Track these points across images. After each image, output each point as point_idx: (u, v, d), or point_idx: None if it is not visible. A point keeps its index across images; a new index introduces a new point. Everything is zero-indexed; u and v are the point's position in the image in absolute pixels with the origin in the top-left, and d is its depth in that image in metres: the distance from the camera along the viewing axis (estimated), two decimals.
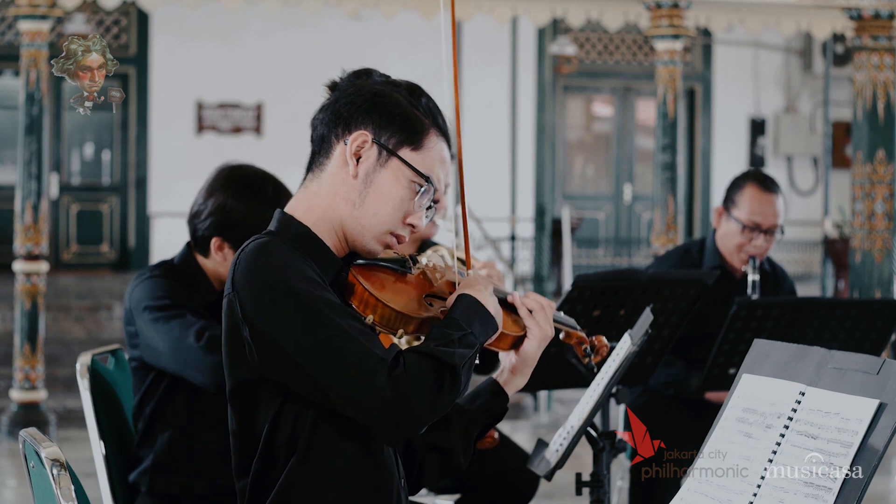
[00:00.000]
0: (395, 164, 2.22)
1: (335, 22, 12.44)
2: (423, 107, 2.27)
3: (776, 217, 4.25)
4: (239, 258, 2.15)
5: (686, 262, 4.36)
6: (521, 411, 9.03)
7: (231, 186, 3.22)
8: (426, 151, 2.24)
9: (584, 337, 2.40)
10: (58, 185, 12.84)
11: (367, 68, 2.31)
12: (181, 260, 3.31)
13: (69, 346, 9.40)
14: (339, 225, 2.23)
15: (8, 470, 7.09)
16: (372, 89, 2.25)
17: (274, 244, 2.14)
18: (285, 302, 2.09)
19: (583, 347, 2.41)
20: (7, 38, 12.50)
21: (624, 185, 14.97)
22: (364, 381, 2.05)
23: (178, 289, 3.21)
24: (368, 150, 2.21)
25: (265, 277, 2.10)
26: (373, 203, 2.21)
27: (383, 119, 2.22)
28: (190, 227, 3.27)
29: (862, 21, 8.16)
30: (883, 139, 8.15)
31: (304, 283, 2.09)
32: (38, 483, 2.25)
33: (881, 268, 8.22)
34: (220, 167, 3.30)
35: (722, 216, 4.32)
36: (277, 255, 2.12)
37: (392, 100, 2.24)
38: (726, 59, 14.82)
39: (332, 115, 2.24)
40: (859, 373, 1.88)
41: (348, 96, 2.24)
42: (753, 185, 4.26)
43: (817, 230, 14.53)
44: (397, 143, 2.22)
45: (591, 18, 8.93)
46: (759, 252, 4.23)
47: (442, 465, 2.36)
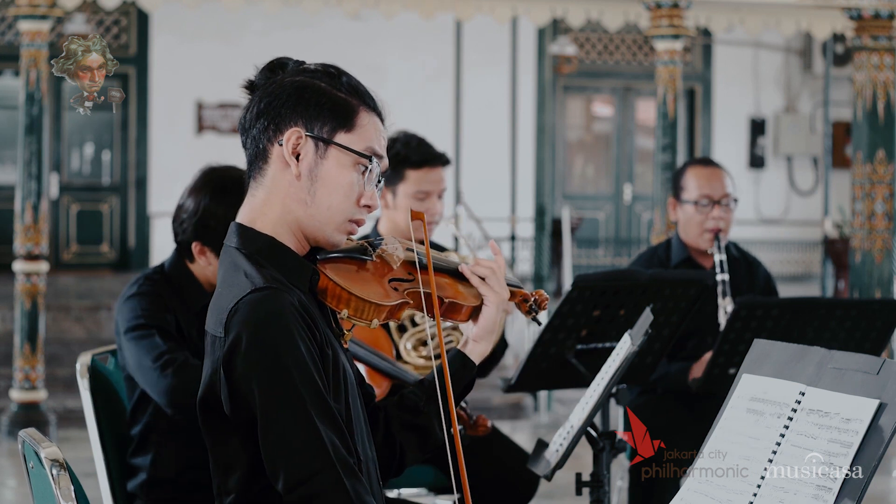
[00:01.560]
0: (334, 151, 2.19)
1: (335, 22, 12.44)
2: (345, 87, 2.23)
3: (725, 187, 4.33)
4: (238, 304, 2.10)
5: (654, 262, 4.40)
6: (521, 411, 9.03)
7: (208, 189, 3.19)
8: (360, 129, 2.21)
9: (526, 294, 2.45)
10: (58, 185, 12.83)
11: (280, 59, 2.27)
12: (171, 266, 3.29)
13: (69, 346, 9.39)
14: (296, 227, 2.20)
15: (8, 470, 7.09)
16: (293, 83, 2.20)
17: (277, 301, 2.08)
18: (268, 368, 2.06)
19: (527, 304, 2.45)
20: (7, 38, 12.50)
21: (624, 185, 14.96)
22: (305, 476, 2.04)
23: (159, 305, 3.17)
24: (305, 145, 2.18)
25: (258, 340, 2.07)
26: (323, 196, 2.19)
27: (311, 111, 2.19)
28: (173, 231, 3.26)
29: (862, 21, 8.16)
30: (883, 139, 8.14)
31: (294, 357, 2.06)
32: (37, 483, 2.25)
33: (881, 268, 8.21)
34: (200, 170, 3.27)
35: (676, 207, 4.40)
36: (277, 319, 2.07)
37: (314, 89, 2.20)
38: (726, 59, 14.82)
39: (258, 116, 2.20)
40: (859, 373, 1.88)
41: (270, 95, 2.20)
42: (695, 166, 4.43)
43: (817, 230, 14.53)
44: (330, 130, 2.19)
45: (591, 18, 8.93)
46: (720, 225, 4.28)
47: (421, 444, 2.37)
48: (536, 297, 2.48)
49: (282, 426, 2.05)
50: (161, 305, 3.19)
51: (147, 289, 3.22)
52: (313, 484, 2.03)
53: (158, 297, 3.21)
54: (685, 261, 4.38)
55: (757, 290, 4.42)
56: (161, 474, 3.17)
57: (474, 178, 13.12)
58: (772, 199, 15.19)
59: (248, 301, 2.10)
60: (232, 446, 2.14)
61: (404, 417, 2.36)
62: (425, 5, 8.32)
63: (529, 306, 2.46)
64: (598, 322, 3.52)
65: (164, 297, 3.21)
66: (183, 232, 3.21)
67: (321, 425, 2.05)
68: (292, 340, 2.06)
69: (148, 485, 3.18)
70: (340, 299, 2.18)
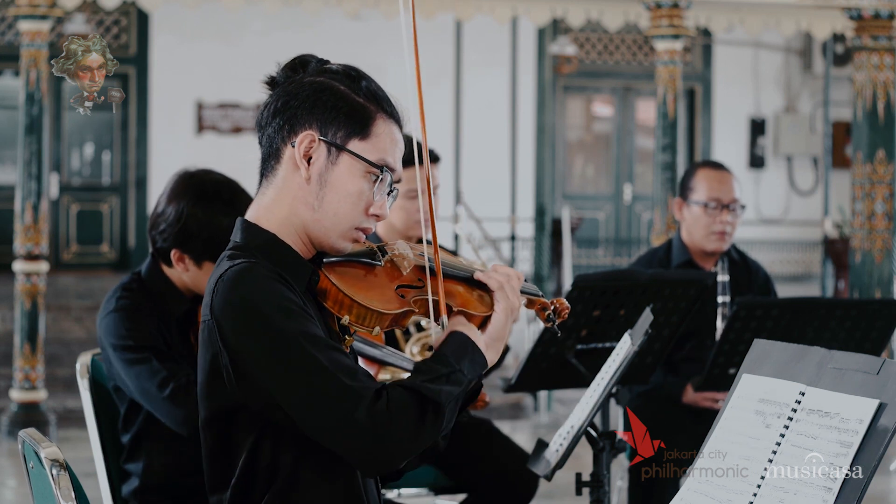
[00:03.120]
0: (346, 158, 2.16)
1: (335, 22, 12.44)
2: (364, 92, 2.19)
3: (734, 192, 4.34)
4: (218, 284, 2.09)
5: (654, 263, 4.40)
6: (521, 411, 9.03)
7: (186, 195, 3.11)
8: (375, 138, 2.18)
9: (545, 302, 2.41)
10: (58, 185, 12.83)
11: (303, 57, 2.24)
12: (148, 273, 3.21)
13: (69, 346, 9.39)
14: (301, 230, 2.18)
15: (8, 470, 7.09)
16: (311, 84, 2.18)
17: (254, 270, 2.07)
18: (264, 335, 2.04)
19: (546, 313, 2.41)
20: (7, 38, 12.49)
21: (624, 185, 14.96)
22: (343, 417, 2.01)
23: (141, 321, 3.11)
24: (317, 149, 2.15)
25: (244, 307, 2.05)
26: (332, 203, 2.16)
27: (327, 114, 2.15)
28: (150, 237, 3.18)
29: (862, 21, 8.16)
30: (883, 139, 8.14)
31: (284, 314, 2.04)
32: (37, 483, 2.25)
33: (881, 268, 8.21)
34: (176, 174, 3.19)
35: (682, 207, 4.39)
36: (257, 285, 2.06)
37: (333, 92, 2.17)
38: (726, 59, 14.82)
39: (274, 115, 2.18)
40: (859, 373, 1.88)
41: (287, 94, 2.18)
42: (706, 168, 4.43)
43: (817, 230, 14.52)
44: (345, 136, 2.16)
45: (591, 18, 8.93)
46: (726, 229, 4.29)
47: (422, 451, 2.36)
48: (557, 306, 2.45)
49: (301, 384, 2.02)
50: (143, 321, 3.12)
51: (126, 303, 3.14)
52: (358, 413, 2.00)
53: (138, 310, 3.13)
54: (686, 264, 4.38)
55: (756, 293, 4.42)
56: (153, 481, 3.15)
57: (474, 178, 13.12)
58: (772, 199, 15.19)
59: (226, 277, 2.08)
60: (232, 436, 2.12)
61: None
62: (425, 5, 8.32)
63: (548, 315, 2.43)
64: (598, 322, 3.52)
65: (143, 309, 3.14)
66: (164, 240, 3.13)
67: (336, 370, 2.03)
68: (277, 302, 2.04)
69: (140, 491, 3.16)
70: (343, 305, 2.15)
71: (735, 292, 4.26)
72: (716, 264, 4.28)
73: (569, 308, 2.44)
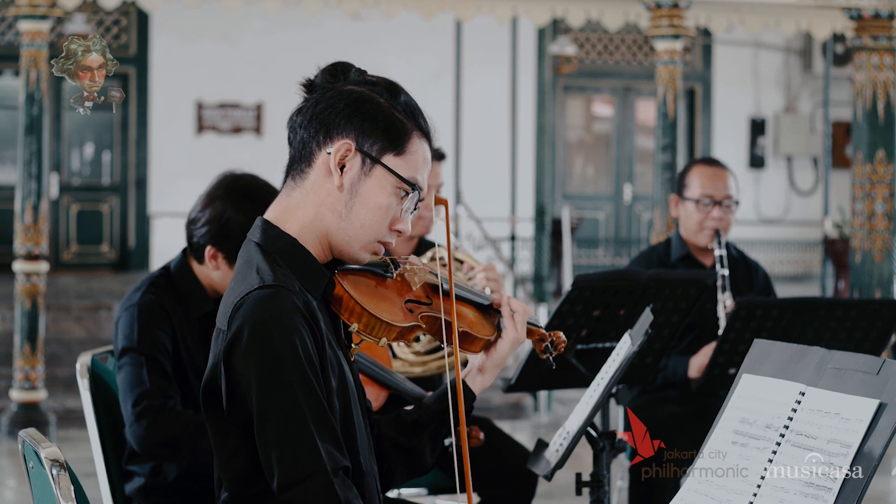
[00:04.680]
0: (379, 171, 2.18)
1: (335, 22, 12.44)
2: (402, 107, 2.22)
3: (728, 189, 4.36)
4: (244, 300, 2.10)
5: (653, 259, 4.42)
6: (521, 411, 9.03)
7: (230, 197, 3.18)
8: (409, 155, 2.21)
9: (544, 334, 2.46)
10: (58, 185, 12.84)
11: (343, 64, 2.26)
12: (177, 268, 3.27)
13: (69, 346, 9.39)
14: (324, 236, 2.19)
15: (8, 470, 7.09)
16: (352, 93, 2.20)
17: (281, 300, 2.08)
18: (266, 366, 2.06)
19: (543, 344, 2.45)
20: (7, 38, 12.50)
21: (624, 185, 14.97)
22: (300, 472, 2.04)
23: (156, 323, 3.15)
24: (352, 158, 2.17)
25: (258, 336, 2.07)
26: (359, 213, 2.18)
27: (366, 125, 2.18)
28: (187, 232, 3.25)
29: (862, 21, 8.16)
30: (883, 139, 8.14)
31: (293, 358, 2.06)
32: (37, 483, 2.25)
33: (881, 268, 8.21)
34: (221, 175, 3.26)
35: (678, 203, 4.43)
36: (279, 318, 2.07)
37: (373, 104, 2.19)
38: (726, 59, 14.82)
39: (311, 119, 2.19)
40: (859, 373, 1.88)
41: (328, 100, 2.19)
42: (700, 165, 4.46)
43: (817, 230, 14.53)
44: (380, 149, 2.18)
45: (591, 18, 8.93)
46: (719, 224, 4.31)
47: (410, 467, 2.38)
48: (553, 339, 2.48)
49: (278, 427, 2.05)
50: (159, 322, 3.16)
51: (149, 298, 3.19)
52: (304, 487, 2.03)
53: (159, 309, 3.18)
54: (685, 257, 4.40)
55: (756, 292, 4.43)
56: (159, 482, 3.17)
57: (474, 177, 13.13)
58: (772, 199, 15.19)
59: (253, 297, 2.09)
60: (231, 439, 2.14)
61: (397, 438, 2.36)
62: (425, 5, 8.32)
63: (545, 346, 2.47)
64: (598, 322, 3.52)
65: (165, 307, 3.18)
66: (201, 236, 3.20)
67: (316, 430, 2.05)
68: (292, 342, 2.06)
69: (145, 490, 3.18)
70: (353, 313, 2.18)
71: (735, 291, 4.26)
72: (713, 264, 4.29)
73: (565, 342, 2.50)
